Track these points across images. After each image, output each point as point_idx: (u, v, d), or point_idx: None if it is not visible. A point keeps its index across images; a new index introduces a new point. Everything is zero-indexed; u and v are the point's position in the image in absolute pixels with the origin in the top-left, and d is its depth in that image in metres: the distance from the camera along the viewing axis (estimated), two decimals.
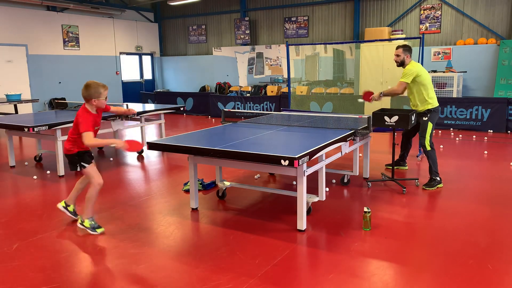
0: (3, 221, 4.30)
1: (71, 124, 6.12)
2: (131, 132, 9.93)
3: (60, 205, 4.27)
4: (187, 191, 5.18)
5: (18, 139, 9.07)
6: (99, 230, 3.93)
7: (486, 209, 4.43)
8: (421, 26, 11.60)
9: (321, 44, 10.58)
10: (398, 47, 5.37)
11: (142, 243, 3.71)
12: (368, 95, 5.75)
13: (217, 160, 4.16)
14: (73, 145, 3.94)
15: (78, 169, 3.99)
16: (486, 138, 8.45)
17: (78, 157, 3.99)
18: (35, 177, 6.01)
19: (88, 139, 3.78)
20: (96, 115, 3.95)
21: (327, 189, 5.17)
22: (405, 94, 5.58)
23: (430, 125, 5.20)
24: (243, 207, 4.62)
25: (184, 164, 6.64)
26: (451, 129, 9.50)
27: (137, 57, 16.27)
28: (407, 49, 5.31)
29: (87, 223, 3.94)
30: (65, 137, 6.32)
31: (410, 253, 3.45)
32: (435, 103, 5.26)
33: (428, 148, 5.18)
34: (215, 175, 5.63)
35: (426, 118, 5.22)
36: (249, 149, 3.82)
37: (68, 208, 4.24)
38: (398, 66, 5.43)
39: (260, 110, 11.92)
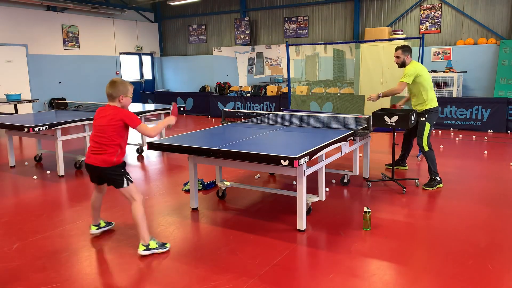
0: (3, 221, 4.30)
1: (71, 124, 6.20)
2: (131, 131, 9.91)
3: (93, 230, 3.86)
4: (187, 191, 5.18)
5: (18, 139, 9.07)
6: (168, 245, 3.55)
7: (486, 209, 4.43)
8: (421, 26, 11.60)
9: (321, 44, 10.57)
10: (397, 49, 5.34)
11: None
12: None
13: (217, 160, 4.16)
14: (116, 154, 3.42)
15: (126, 185, 3.44)
16: (486, 138, 8.45)
17: (124, 169, 3.50)
18: (35, 177, 6.01)
19: (151, 129, 3.49)
20: None
21: (327, 189, 5.17)
22: (403, 93, 5.58)
23: (427, 126, 5.19)
24: (243, 207, 4.62)
25: (184, 164, 6.64)
26: (451, 129, 9.50)
27: (137, 57, 16.27)
28: (406, 49, 5.30)
29: (153, 244, 3.47)
30: (65, 137, 6.38)
31: (410, 253, 3.45)
32: (434, 104, 5.25)
33: (426, 148, 5.17)
34: (215, 175, 5.63)
35: (424, 119, 5.21)
36: (249, 149, 3.82)
37: (101, 225, 3.91)
38: (400, 67, 5.41)
39: (260, 110, 11.92)
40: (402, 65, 5.35)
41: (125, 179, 3.45)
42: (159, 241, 3.54)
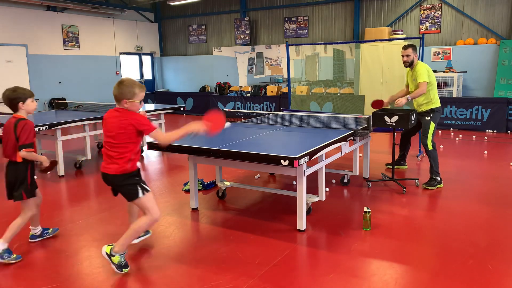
0: (3, 221, 4.29)
1: (71, 124, 6.19)
2: None
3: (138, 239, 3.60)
4: (187, 191, 5.18)
5: None
6: (124, 270, 3.15)
7: (486, 209, 4.43)
8: (421, 26, 11.60)
9: (321, 44, 10.56)
10: (407, 47, 5.23)
11: (142, 243, 3.70)
12: (378, 104, 5.53)
13: (217, 160, 4.16)
14: (129, 160, 3.07)
15: (141, 195, 3.09)
16: (486, 138, 8.45)
17: (138, 177, 3.18)
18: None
19: (166, 136, 3.18)
20: None
21: (327, 189, 5.16)
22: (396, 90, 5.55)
23: (432, 125, 5.19)
24: (243, 207, 4.62)
25: (184, 164, 6.64)
26: (451, 129, 9.50)
27: (137, 57, 16.27)
28: (415, 48, 5.25)
29: (116, 259, 3.12)
30: (65, 137, 6.36)
31: (410, 253, 3.45)
32: (439, 104, 5.27)
33: (430, 147, 5.17)
34: (215, 175, 5.63)
35: (429, 118, 5.21)
36: (249, 149, 3.82)
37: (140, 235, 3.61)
38: (406, 66, 5.35)
39: (260, 110, 11.92)
40: (411, 64, 5.31)
41: (139, 188, 3.10)
42: (125, 261, 3.16)
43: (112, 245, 3.17)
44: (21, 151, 3.36)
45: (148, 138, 3.54)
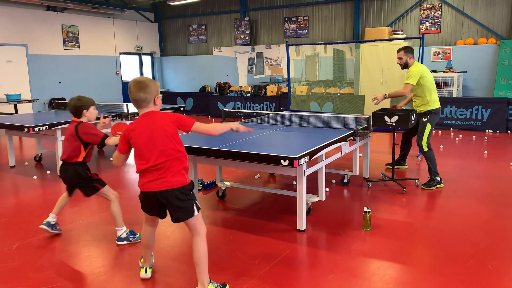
0: (3, 221, 4.30)
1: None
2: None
3: (144, 274, 3.10)
4: None
5: (18, 139, 9.07)
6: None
7: (486, 209, 4.43)
8: (421, 26, 11.60)
9: (321, 44, 10.57)
10: (399, 50, 5.33)
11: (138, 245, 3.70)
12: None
13: (217, 160, 4.16)
14: (187, 169, 2.78)
15: (197, 212, 2.77)
16: (486, 138, 8.45)
17: (192, 192, 2.81)
18: (35, 177, 6.01)
19: (211, 126, 2.94)
20: None
21: (327, 189, 5.16)
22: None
23: (428, 126, 5.19)
24: (243, 207, 4.62)
25: None
26: (451, 129, 9.50)
27: (137, 57, 16.27)
28: (408, 50, 5.29)
29: (212, 286, 2.81)
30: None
31: (410, 253, 3.45)
32: (437, 105, 5.24)
33: (425, 149, 5.17)
34: (215, 175, 5.63)
35: (426, 119, 5.21)
36: (249, 149, 3.82)
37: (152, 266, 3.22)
38: (402, 68, 5.40)
39: (260, 110, 11.92)
40: (405, 66, 5.33)
41: (195, 205, 2.75)
42: (218, 283, 2.85)
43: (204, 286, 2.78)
44: (106, 142, 3.59)
45: None
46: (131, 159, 3.15)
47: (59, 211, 3.87)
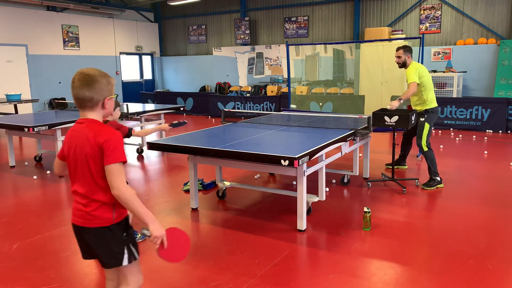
0: (3, 221, 4.30)
1: (71, 124, 6.19)
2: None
3: None
4: (187, 191, 5.18)
5: (18, 139, 9.07)
6: None
7: (486, 209, 4.43)
8: (421, 26, 11.60)
9: (321, 44, 10.56)
10: (398, 49, 5.35)
11: (142, 243, 3.71)
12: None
13: (217, 160, 4.16)
14: (115, 203, 2.06)
15: (126, 263, 2.09)
16: (486, 138, 8.45)
17: (127, 232, 2.18)
18: (35, 177, 6.01)
19: (129, 191, 2.02)
20: None
21: (327, 189, 5.17)
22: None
23: (427, 126, 5.19)
24: (243, 207, 4.62)
25: (184, 164, 6.64)
26: (451, 129, 9.50)
27: (137, 57, 16.27)
28: (407, 49, 5.30)
29: None
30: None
31: (410, 253, 3.45)
32: (434, 104, 5.25)
33: (425, 148, 5.17)
34: (215, 175, 5.63)
35: (423, 119, 5.21)
36: (249, 149, 3.82)
37: None
38: (400, 67, 5.41)
39: (260, 110, 11.92)
40: (403, 65, 5.35)
41: (126, 251, 2.10)
42: None
43: None
44: (132, 134, 3.78)
45: (148, 138, 3.55)
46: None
47: None
